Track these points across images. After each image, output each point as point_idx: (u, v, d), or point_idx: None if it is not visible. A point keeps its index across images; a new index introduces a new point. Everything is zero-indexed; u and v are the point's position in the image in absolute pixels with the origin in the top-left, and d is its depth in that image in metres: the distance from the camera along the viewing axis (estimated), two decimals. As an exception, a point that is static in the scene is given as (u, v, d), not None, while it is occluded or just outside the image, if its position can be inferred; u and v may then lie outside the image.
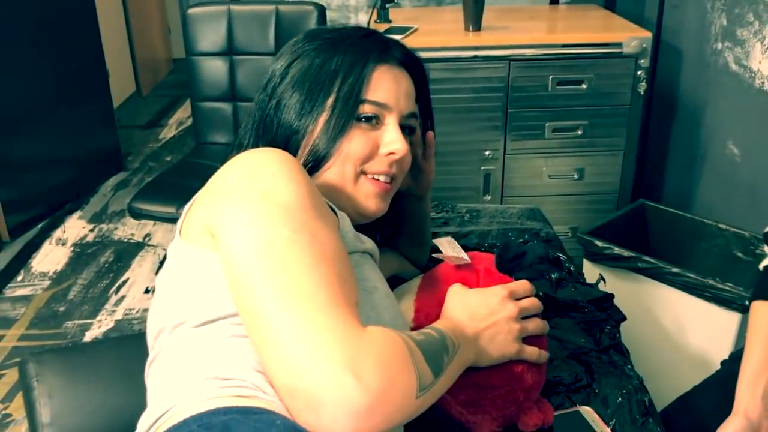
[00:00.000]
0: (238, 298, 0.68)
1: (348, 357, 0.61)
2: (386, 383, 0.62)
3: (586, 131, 2.22)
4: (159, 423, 0.64)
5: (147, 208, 1.96)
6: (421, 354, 0.70)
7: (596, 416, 0.94)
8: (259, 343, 0.64)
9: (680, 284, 1.60)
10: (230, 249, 0.69)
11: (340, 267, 0.70)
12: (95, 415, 0.84)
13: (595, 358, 1.07)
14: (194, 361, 0.67)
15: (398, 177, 0.95)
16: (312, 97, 0.89)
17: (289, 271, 0.65)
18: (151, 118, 4.47)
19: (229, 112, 2.30)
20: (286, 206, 0.70)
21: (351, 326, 0.64)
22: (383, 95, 0.90)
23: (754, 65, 2.00)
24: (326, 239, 0.71)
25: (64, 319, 2.46)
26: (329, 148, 0.88)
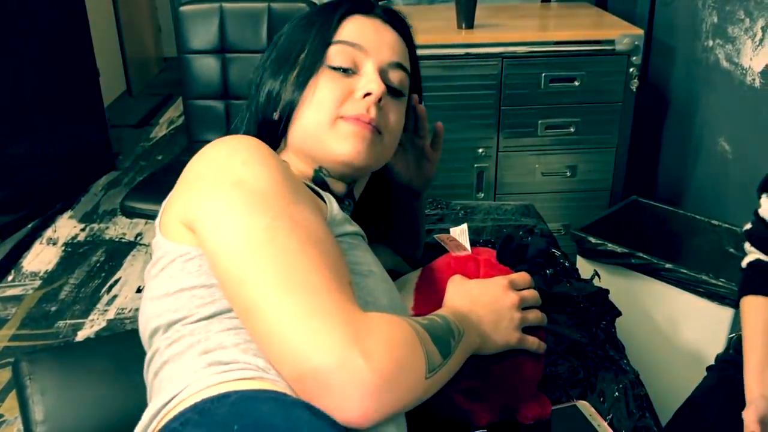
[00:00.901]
0: (229, 294, 0.67)
1: (353, 337, 0.60)
2: (395, 364, 0.61)
3: (578, 128, 2.23)
4: (164, 411, 0.64)
5: (140, 207, 1.95)
6: (428, 336, 0.69)
7: (593, 410, 0.95)
8: (258, 336, 0.64)
9: (673, 280, 1.60)
10: (212, 245, 0.68)
11: (327, 249, 0.68)
12: (88, 413, 0.84)
13: (591, 352, 1.07)
14: (193, 352, 0.67)
15: (384, 131, 0.88)
16: (285, 58, 0.87)
17: (275, 259, 0.64)
18: (141, 117, 4.45)
19: (222, 110, 2.29)
20: (261, 193, 0.68)
21: (349, 308, 0.63)
22: (356, 36, 0.86)
23: (745, 62, 2.02)
24: (308, 222, 0.69)
25: (56, 319, 2.44)
26: (295, 96, 0.85)
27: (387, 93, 0.87)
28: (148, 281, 0.77)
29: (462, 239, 0.99)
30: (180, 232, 0.73)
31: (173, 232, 0.74)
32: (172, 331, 0.70)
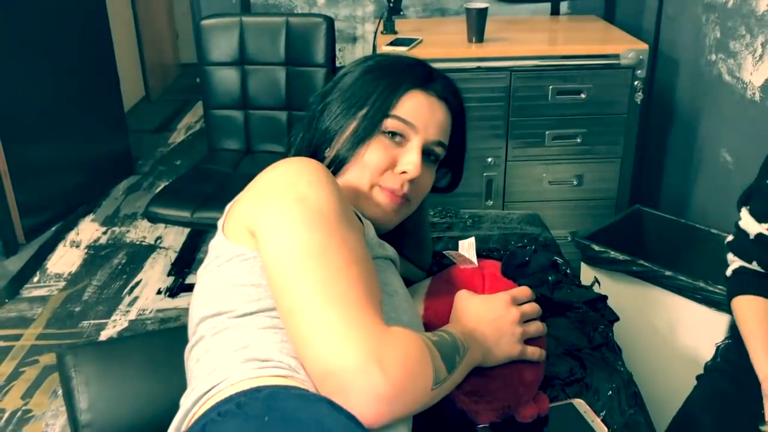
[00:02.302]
0: (276, 293, 0.76)
1: (375, 349, 0.69)
2: (408, 376, 0.70)
3: (584, 139, 2.30)
4: (204, 399, 0.73)
5: (163, 212, 2.05)
6: (437, 352, 0.79)
7: (588, 408, 1.02)
8: (295, 334, 0.73)
9: (673, 287, 1.67)
10: (270, 250, 0.78)
11: (366, 269, 0.78)
12: (128, 402, 0.93)
13: (588, 354, 1.15)
14: (234, 346, 0.76)
15: (412, 199, 1.01)
16: (348, 106, 0.99)
17: (323, 272, 0.74)
18: (160, 123, 4.55)
19: (241, 120, 2.39)
20: (320, 212, 0.78)
21: (377, 323, 0.72)
22: (411, 115, 0.97)
23: (746, 76, 2.08)
24: (354, 243, 0.79)
25: (80, 319, 2.54)
26: (349, 153, 0.97)
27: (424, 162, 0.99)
28: (203, 276, 0.87)
29: (470, 251, 1.07)
30: (242, 235, 0.83)
31: (236, 234, 0.84)
32: (218, 322, 0.79)
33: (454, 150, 1.07)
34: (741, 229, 1.27)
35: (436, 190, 1.15)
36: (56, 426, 2.05)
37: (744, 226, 1.26)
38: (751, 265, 1.26)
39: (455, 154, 1.09)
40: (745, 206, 1.27)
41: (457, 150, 1.09)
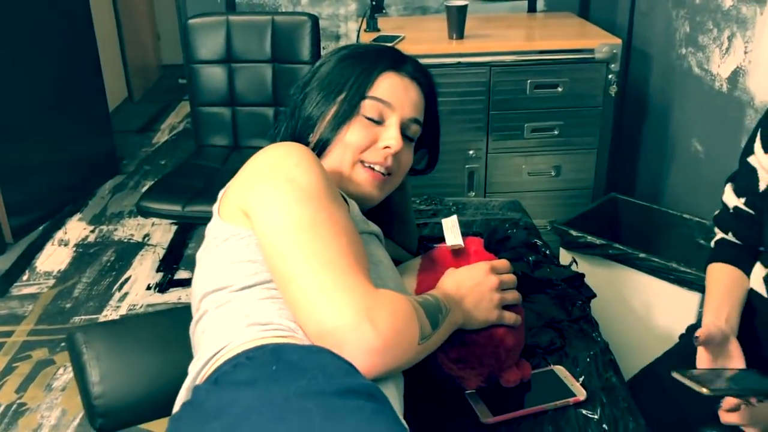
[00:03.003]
0: (273, 265, 0.82)
1: (366, 308, 0.76)
2: (396, 331, 0.77)
3: (562, 131, 2.39)
4: (213, 361, 0.79)
5: (155, 207, 2.09)
6: (422, 311, 0.86)
7: (568, 373, 1.10)
8: (292, 300, 0.79)
9: (647, 268, 1.76)
10: (264, 226, 0.84)
11: (353, 240, 0.85)
12: (138, 374, 0.98)
13: (567, 326, 1.22)
14: (237, 315, 0.82)
15: (395, 173, 1.09)
16: (328, 93, 1.06)
17: (314, 242, 0.81)
18: (143, 123, 4.58)
19: (228, 117, 2.44)
20: (308, 190, 0.85)
21: (366, 286, 0.79)
22: (387, 94, 1.05)
23: (714, 69, 2.18)
24: (341, 217, 0.86)
25: (71, 315, 2.58)
26: (331, 135, 1.04)
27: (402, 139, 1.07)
28: (202, 258, 0.93)
29: (453, 229, 1.14)
30: (237, 216, 0.90)
31: (231, 216, 0.91)
32: (220, 296, 0.85)
33: (429, 129, 1.15)
34: (723, 203, 1.36)
35: (416, 173, 1.23)
36: (51, 417, 2.09)
37: (726, 199, 1.35)
38: (727, 236, 1.35)
39: (430, 133, 1.16)
40: (730, 182, 1.35)
41: (432, 129, 1.16)
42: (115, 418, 0.94)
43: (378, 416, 0.64)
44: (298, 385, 0.64)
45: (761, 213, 1.27)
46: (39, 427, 2.05)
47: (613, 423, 1.00)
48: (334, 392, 0.63)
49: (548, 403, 1.03)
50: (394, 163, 1.07)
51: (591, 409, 1.03)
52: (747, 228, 1.30)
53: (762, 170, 1.25)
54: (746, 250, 1.32)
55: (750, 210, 1.28)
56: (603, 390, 1.07)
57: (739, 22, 2.03)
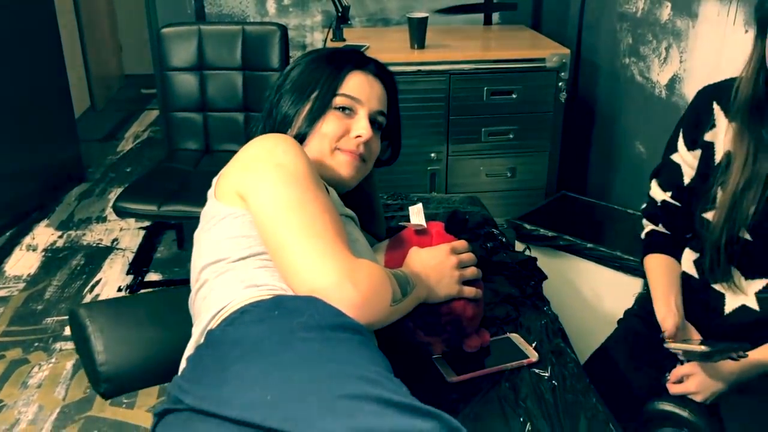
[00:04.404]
0: (266, 238, 0.94)
1: (347, 271, 0.88)
2: (373, 291, 0.90)
3: (516, 135, 2.55)
4: (217, 316, 0.90)
5: (131, 207, 2.18)
6: (394, 279, 0.98)
7: (522, 340, 1.24)
8: (284, 265, 0.91)
9: (594, 257, 1.92)
10: (258, 205, 0.96)
11: (334, 218, 0.97)
12: (138, 345, 1.08)
13: (521, 302, 1.37)
14: (235, 281, 0.94)
15: (367, 159, 1.22)
16: (301, 92, 1.18)
17: (302, 217, 0.93)
18: (107, 132, 4.61)
19: (200, 122, 2.54)
20: (295, 174, 0.98)
21: (347, 254, 0.92)
22: (355, 91, 1.18)
23: (654, 77, 2.37)
24: (323, 199, 0.99)
25: (44, 316, 2.62)
26: (308, 129, 1.17)
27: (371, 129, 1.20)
28: (200, 236, 1.04)
29: (418, 216, 1.28)
30: (232, 198, 1.02)
31: (227, 198, 1.02)
32: (219, 266, 0.97)
33: (391, 122, 1.29)
34: (651, 197, 1.51)
35: (381, 164, 1.36)
36: (29, 413, 2.14)
37: (653, 194, 1.50)
38: (658, 227, 1.50)
39: (393, 126, 1.30)
40: (655, 178, 1.51)
41: (394, 123, 1.30)
42: (118, 383, 1.04)
43: (364, 345, 0.76)
44: (299, 321, 0.76)
45: (688, 204, 1.43)
46: (17, 422, 2.10)
47: (562, 380, 1.15)
48: (328, 326, 0.75)
49: (505, 364, 1.17)
50: (366, 150, 1.19)
51: (543, 368, 1.17)
52: (675, 219, 1.46)
53: (686, 166, 1.42)
54: (675, 238, 1.48)
55: (677, 202, 1.45)
56: (553, 353, 1.21)
57: (675, 34, 2.22)
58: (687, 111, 1.44)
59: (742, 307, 1.36)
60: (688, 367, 1.35)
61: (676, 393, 1.35)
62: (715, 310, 1.39)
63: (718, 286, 1.39)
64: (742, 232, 1.30)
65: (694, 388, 1.33)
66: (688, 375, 1.35)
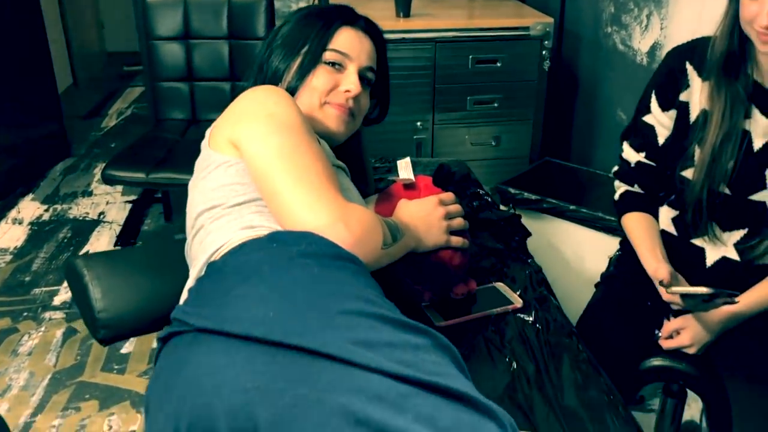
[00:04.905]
0: (261, 184, 0.97)
1: (340, 213, 0.91)
2: (365, 232, 0.93)
3: (501, 103, 2.59)
4: (215, 255, 0.93)
5: (120, 174, 2.19)
6: (385, 225, 1.01)
7: (507, 288, 1.28)
8: (279, 209, 0.94)
9: (576, 219, 1.97)
10: (252, 153, 0.99)
11: (326, 166, 1.00)
12: (135, 292, 1.11)
13: (506, 254, 1.41)
14: (231, 223, 0.96)
15: (356, 114, 1.24)
16: (292, 47, 1.20)
17: (296, 164, 0.96)
18: (90, 109, 4.58)
19: (187, 91, 2.54)
20: (287, 123, 1.00)
21: (341, 199, 0.95)
22: (345, 46, 1.20)
23: (635, 45, 2.41)
24: (315, 148, 1.01)
25: (32, 287, 2.63)
26: (299, 83, 1.18)
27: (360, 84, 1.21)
28: (195, 186, 1.06)
29: (407, 169, 1.31)
30: (226, 147, 1.04)
31: (221, 147, 1.05)
32: (214, 212, 0.99)
33: (380, 80, 1.30)
34: (624, 159, 1.55)
35: (370, 122, 1.38)
36: (20, 379, 2.16)
37: (626, 156, 1.54)
38: (633, 188, 1.54)
39: (382, 82, 1.32)
40: (626, 140, 1.55)
41: (383, 80, 1.32)
42: (116, 329, 1.06)
43: (359, 273, 0.79)
44: (297, 249, 0.79)
45: (663, 163, 1.47)
46: (8, 388, 2.12)
47: (545, 323, 1.19)
48: (326, 254, 0.78)
49: (491, 309, 1.21)
50: (355, 105, 1.22)
51: (527, 314, 1.21)
52: (650, 178, 1.50)
53: (660, 126, 1.45)
54: (649, 198, 1.53)
55: (652, 162, 1.49)
56: (536, 300, 1.25)
57: (656, 2, 2.26)
58: (658, 72, 1.47)
59: (722, 259, 1.41)
60: (680, 321, 1.40)
61: (670, 348, 1.40)
62: (697, 265, 1.44)
63: (698, 241, 1.44)
64: (721, 187, 1.35)
65: (688, 341, 1.38)
66: (680, 329, 1.39)
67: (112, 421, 1.99)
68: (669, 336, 1.41)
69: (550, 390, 1.02)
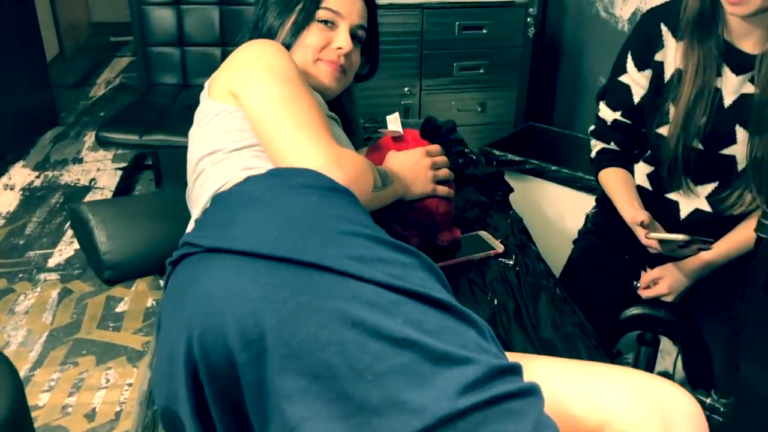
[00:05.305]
0: (259, 130, 1.03)
1: (334, 156, 0.98)
2: (357, 174, 1.00)
3: (486, 70, 2.64)
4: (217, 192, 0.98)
5: (113, 137, 2.22)
6: (376, 170, 1.08)
7: (489, 235, 1.35)
8: (276, 153, 1.00)
9: (557, 179, 2.04)
10: (251, 101, 1.05)
11: (321, 114, 1.06)
12: (138, 236, 1.17)
13: (489, 206, 1.48)
14: (231, 166, 1.02)
15: (347, 71, 1.29)
16: (286, 4, 1.25)
17: (293, 111, 1.02)
18: (78, 79, 4.59)
19: (178, 57, 2.58)
20: (284, 74, 1.06)
21: (335, 143, 1.01)
22: (337, 5, 1.25)
23: (617, 12, 2.47)
24: (311, 98, 1.07)
25: (26, 250, 2.67)
26: (293, 40, 1.24)
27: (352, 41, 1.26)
28: (195, 133, 1.12)
29: (396, 123, 1.37)
30: (225, 97, 1.10)
31: (220, 96, 1.10)
32: (215, 156, 1.05)
33: (370, 37, 1.36)
34: (600, 118, 1.62)
35: (360, 79, 1.44)
36: (18, 336, 2.21)
37: (602, 115, 1.61)
38: (609, 145, 1.62)
39: (372, 40, 1.37)
40: (602, 100, 1.62)
41: (373, 38, 1.38)
42: (121, 270, 1.13)
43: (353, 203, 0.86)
44: (296, 181, 0.85)
45: (638, 121, 1.54)
46: (7, 345, 2.18)
47: (524, 267, 1.26)
48: (324, 187, 0.84)
49: (474, 254, 1.28)
50: (347, 62, 1.27)
51: (507, 258, 1.28)
52: (625, 136, 1.57)
53: (636, 85, 1.52)
54: (625, 154, 1.60)
55: (627, 120, 1.56)
56: (517, 246, 1.33)
57: (638, -30, 2.32)
58: (633, 33, 1.53)
59: (695, 211, 1.49)
60: (657, 271, 1.48)
61: (648, 297, 1.48)
62: (671, 217, 1.52)
63: (672, 195, 1.51)
64: (695, 143, 1.42)
65: (666, 290, 1.46)
66: (658, 278, 1.48)
67: (109, 375, 2.05)
68: (647, 286, 1.50)
69: (528, 324, 1.10)
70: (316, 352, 0.65)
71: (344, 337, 0.65)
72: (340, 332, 0.65)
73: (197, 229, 0.84)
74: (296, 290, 0.68)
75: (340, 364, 0.64)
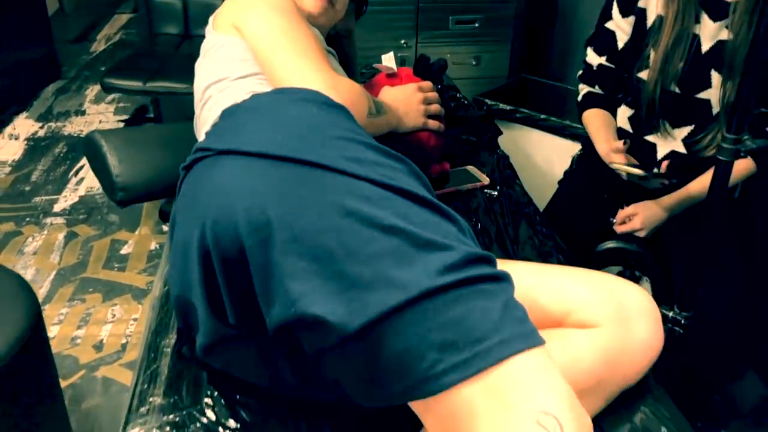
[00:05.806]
0: (262, 59, 1.10)
1: (332, 82, 1.05)
2: (353, 98, 1.08)
3: (481, 24, 2.70)
4: None
5: (118, 83, 2.30)
6: (371, 98, 1.16)
7: (476, 170, 1.44)
8: (278, 80, 1.08)
9: (547, 127, 2.12)
10: (253, 33, 1.12)
11: (319, 46, 1.14)
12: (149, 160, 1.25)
13: (477, 145, 1.56)
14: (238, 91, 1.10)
15: (335, 2, 1.32)
16: None
17: (293, 41, 1.09)
18: (78, 34, 4.62)
19: (180, 7, 2.63)
20: (282, 8, 1.14)
21: (332, 71, 1.09)
22: None
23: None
24: (308, 31, 1.15)
25: (32, 196, 2.76)
26: None
27: None
28: (201, 64, 1.20)
29: (390, 62, 1.44)
30: (230, 29, 1.17)
31: (225, 29, 1.18)
32: (221, 84, 1.13)
33: None
34: (587, 63, 1.69)
35: None
36: (27, 275, 2.31)
37: (589, 60, 1.69)
38: (594, 89, 1.70)
39: None
40: (590, 46, 1.70)
41: None
42: (133, 191, 1.21)
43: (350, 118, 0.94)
44: (298, 96, 0.93)
45: (621, 66, 1.62)
46: (17, 282, 2.28)
47: (508, 197, 1.35)
48: (323, 102, 0.93)
49: (461, 185, 1.37)
50: None
51: (492, 189, 1.37)
52: (610, 80, 1.65)
53: (620, 31, 1.60)
54: (609, 98, 1.68)
55: (612, 65, 1.63)
56: (501, 179, 1.42)
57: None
58: None
59: (671, 152, 1.57)
60: (631, 208, 1.57)
61: (623, 231, 1.58)
62: (649, 158, 1.60)
63: (650, 137, 1.60)
64: (672, 86, 1.50)
65: (639, 225, 1.55)
66: (632, 215, 1.57)
67: (115, 311, 2.16)
68: (622, 222, 1.59)
69: (509, 245, 1.19)
70: (315, 236, 0.74)
71: (340, 224, 0.74)
72: (336, 220, 0.74)
73: (208, 137, 0.92)
74: (298, 185, 0.77)
75: (336, 247, 0.73)
